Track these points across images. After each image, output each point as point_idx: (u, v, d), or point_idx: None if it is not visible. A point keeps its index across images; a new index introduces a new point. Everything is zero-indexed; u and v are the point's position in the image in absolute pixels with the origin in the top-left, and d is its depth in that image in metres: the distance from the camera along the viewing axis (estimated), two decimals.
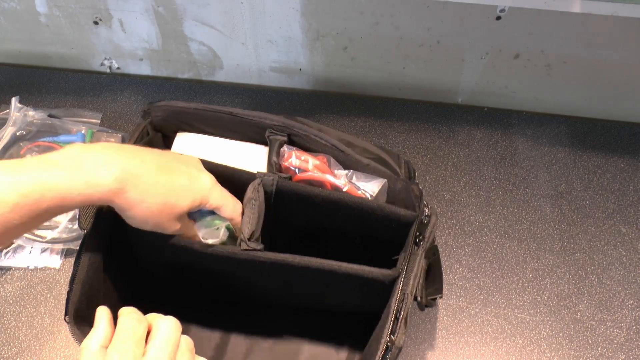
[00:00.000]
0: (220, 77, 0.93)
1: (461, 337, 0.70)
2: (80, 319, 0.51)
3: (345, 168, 0.59)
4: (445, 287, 0.74)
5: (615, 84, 0.83)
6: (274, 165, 0.58)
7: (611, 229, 0.79)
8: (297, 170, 0.58)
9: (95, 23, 0.87)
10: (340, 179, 0.57)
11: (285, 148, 0.59)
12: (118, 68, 0.95)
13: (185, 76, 0.95)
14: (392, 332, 0.50)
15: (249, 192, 0.54)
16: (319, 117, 0.89)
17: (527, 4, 0.72)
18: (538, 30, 0.76)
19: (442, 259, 0.64)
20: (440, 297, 0.61)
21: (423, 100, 0.91)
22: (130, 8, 0.83)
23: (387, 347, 0.50)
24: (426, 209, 0.56)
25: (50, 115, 0.85)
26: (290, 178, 0.57)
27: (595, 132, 0.88)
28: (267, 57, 0.88)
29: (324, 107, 0.91)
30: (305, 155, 0.58)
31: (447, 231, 0.78)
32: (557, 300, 0.73)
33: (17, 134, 0.83)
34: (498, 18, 0.75)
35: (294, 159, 0.58)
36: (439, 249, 0.61)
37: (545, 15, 0.73)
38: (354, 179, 0.58)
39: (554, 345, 0.70)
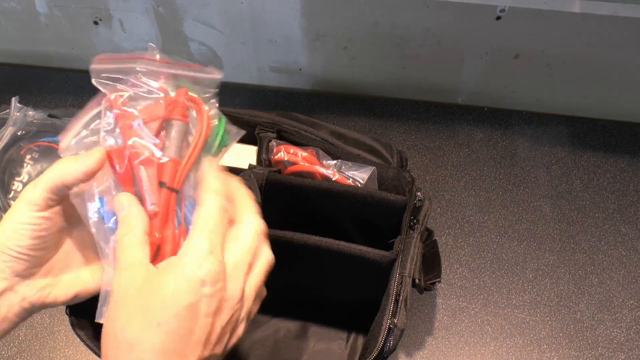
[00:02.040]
0: None
1: (461, 337, 0.70)
2: (81, 311, 0.51)
3: (335, 160, 0.59)
4: (445, 286, 0.74)
5: (615, 84, 0.83)
6: (264, 161, 0.58)
7: (611, 229, 0.78)
8: (286, 163, 0.58)
9: (95, 23, 0.87)
10: (329, 169, 0.58)
11: (273, 143, 0.59)
12: None
13: None
14: (393, 314, 0.51)
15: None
16: (319, 117, 0.88)
17: (527, 4, 0.72)
18: (538, 30, 0.76)
19: (442, 259, 0.64)
20: (439, 282, 0.62)
21: (423, 100, 0.91)
22: (130, 8, 0.83)
23: (390, 329, 0.50)
24: (419, 194, 0.57)
25: (50, 115, 0.85)
26: (279, 171, 0.57)
27: (595, 132, 0.88)
28: (267, 57, 0.88)
29: (324, 107, 0.91)
30: (294, 149, 0.58)
31: (447, 231, 0.78)
32: (557, 300, 0.73)
33: (17, 134, 0.83)
34: (498, 18, 0.75)
35: (282, 152, 0.58)
36: (439, 249, 0.61)
37: (545, 15, 0.73)
38: (342, 169, 0.58)
39: (554, 345, 0.70)
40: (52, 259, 0.43)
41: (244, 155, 0.61)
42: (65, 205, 0.42)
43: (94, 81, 0.43)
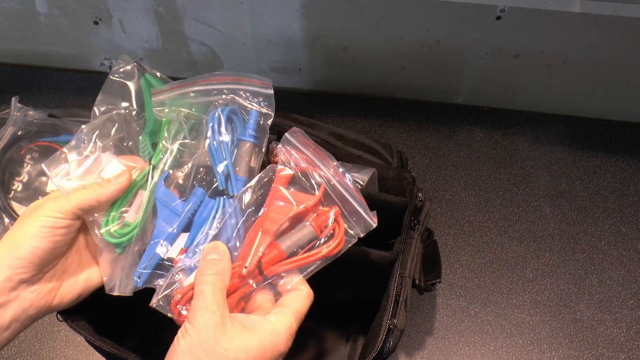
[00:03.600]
0: None
1: (461, 337, 0.70)
2: (74, 311, 0.51)
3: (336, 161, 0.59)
4: (445, 286, 0.74)
5: (615, 84, 0.83)
6: (265, 163, 0.58)
7: (611, 229, 0.79)
8: None
9: (95, 23, 0.87)
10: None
11: (274, 145, 0.59)
12: None
13: (185, 76, 0.94)
14: (393, 315, 0.51)
15: None
16: (319, 117, 0.89)
17: (527, 4, 0.72)
18: (538, 30, 0.76)
19: (442, 259, 0.64)
20: (439, 282, 0.62)
21: (423, 100, 0.91)
22: (130, 8, 0.83)
23: (389, 329, 0.50)
24: (420, 194, 0.57)
25: (50, 115, 0.85)
26: None
27: (595, 132, 0.88)
28: (267, 57, 0.88)
29: (324, 107, 0.91)
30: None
31: (447, 231, 0.78)
32: (557, 300, 0.73)
33: (17, 134, 0.83)
34: (498, 18, 0.75)
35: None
36: (439, 248, 0.61)
37: (545, 15, 0.73)
38: (342, 170, 0.58)
39: (554, 345, 0.70)
40: (56, 265, 0.46)
41: None
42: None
43: (280, 146, 0.50)
